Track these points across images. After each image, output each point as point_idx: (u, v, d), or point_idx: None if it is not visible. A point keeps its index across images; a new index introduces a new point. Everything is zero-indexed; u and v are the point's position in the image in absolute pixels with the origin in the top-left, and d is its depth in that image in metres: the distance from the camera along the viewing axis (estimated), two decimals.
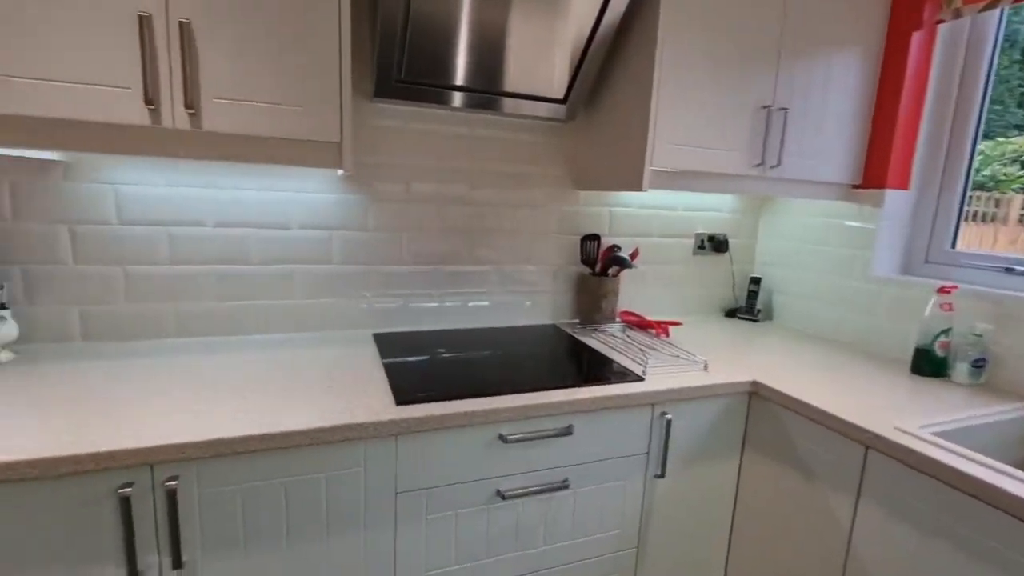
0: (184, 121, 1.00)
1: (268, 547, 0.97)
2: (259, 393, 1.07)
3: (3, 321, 1.16)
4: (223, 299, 1.41)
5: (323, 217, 1.46)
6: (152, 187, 1.30)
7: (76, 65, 0.93)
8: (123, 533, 0.86)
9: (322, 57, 1.07)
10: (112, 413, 0.94)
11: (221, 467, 0.91)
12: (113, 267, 1.31)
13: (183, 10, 0.97)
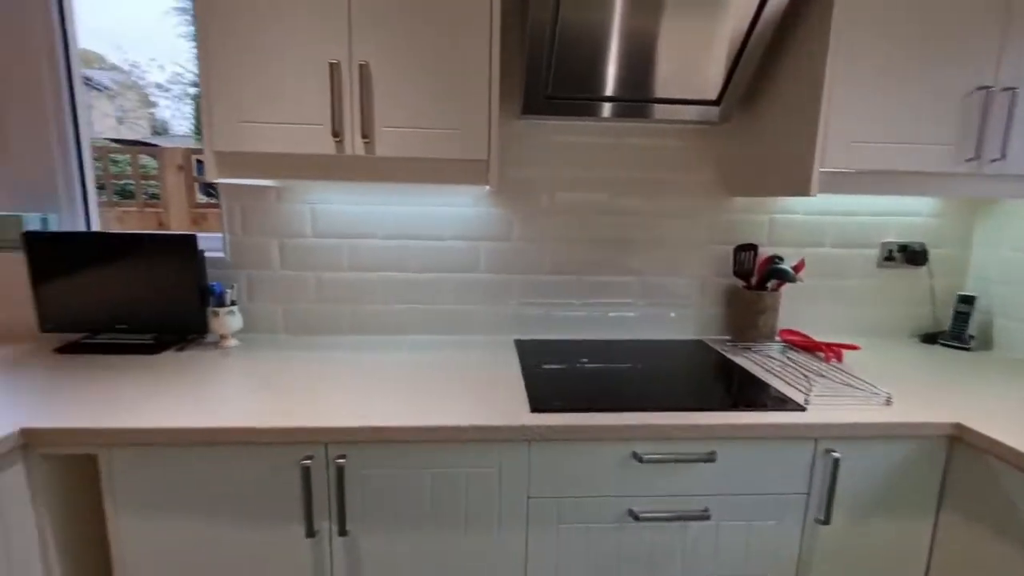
0: (361, 149, 1.17)
1: (415, 529, 1.07)
2: (413, 389, 1.18)
3: (232, 315, 1.47)
4: (389, 302, 1.60)
5: (471, 229, 1.57)
6: (337, 205, 1.53)
7: (288, 109, 1.15)
8: (303, 498, 1.03)
9: (473, 84, 1.16)
10: (301, 395, 1.13)
11: (380, 451, 1.03)
12: (308, 273, 1.56)
13: (363, 55, 1.13)
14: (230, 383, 1.19)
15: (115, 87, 5.13)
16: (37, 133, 1.58)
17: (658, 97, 1.38)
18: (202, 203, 2.38)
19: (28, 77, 1.55)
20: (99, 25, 1.52)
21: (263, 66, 1.13)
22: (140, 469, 1.00)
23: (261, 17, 1.12)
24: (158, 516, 1.02)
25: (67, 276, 1.42)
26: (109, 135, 4.19)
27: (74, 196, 1.65)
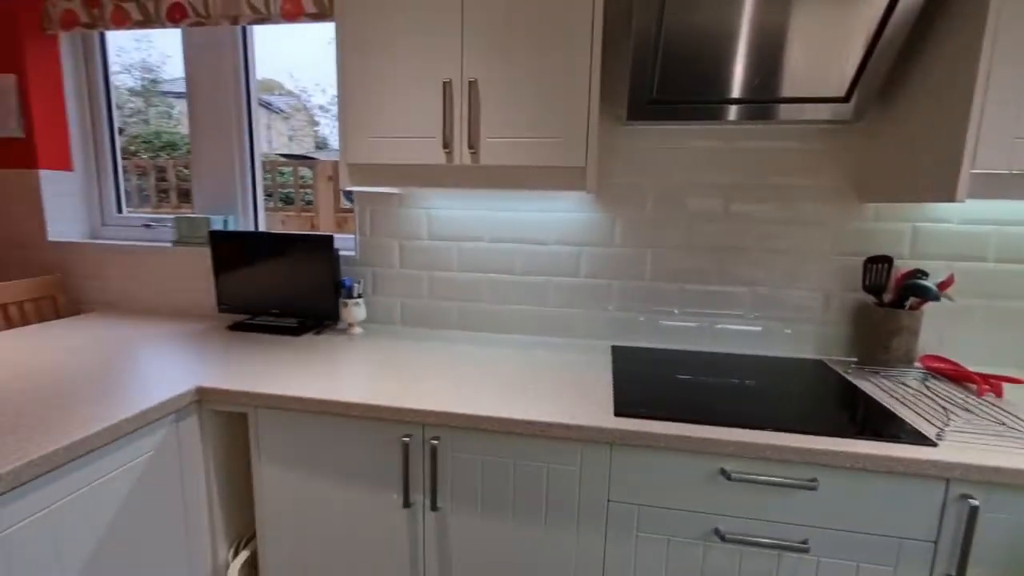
0: (467, 159, 1.27)
1: (498, 514, 1.14)
2: (506, 383, 1.26)
3: (358, 306, 1.68)
4: (493, 302, 1.70)
5: (574, 234, 1.61)
6: (449, 210, 1.67)
7: (406, 124, 1.29)
8: (402, 471, 1.15)
9: (573, 94, 1.21)
10: (408, 379, 1.26)
11: (469, 437, 1.12)
12: (422, 272, 1.72)
13: (472, 72, 1.24)
14: (353, 364, 1.37)
15: (288, 109, 5.95)
16: (224, 151, 1.96)
17: (783, 96, 1.29)
18: (344, 208, 2.73)
19: (220, 105, 1.92)
20: (279, 57, 1.87)
21: (388, 88, 1.29)
22: (279, 429, 1.20)
23: (387, 46, 1.28)
24: (290, 470, 1.22)
25: (239, 267, 1.73)
26: (283, 151, 4.90)
27: (247, 202, 2.00)
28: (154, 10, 1.80)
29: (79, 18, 1.87)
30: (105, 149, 2.12)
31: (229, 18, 1.76)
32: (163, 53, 3.21)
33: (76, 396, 1.10)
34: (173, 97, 4.52)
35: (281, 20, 1.73)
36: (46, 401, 1.07)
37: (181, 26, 1.80)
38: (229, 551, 1.32)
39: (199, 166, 1.99)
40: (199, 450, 1.22)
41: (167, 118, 4.33)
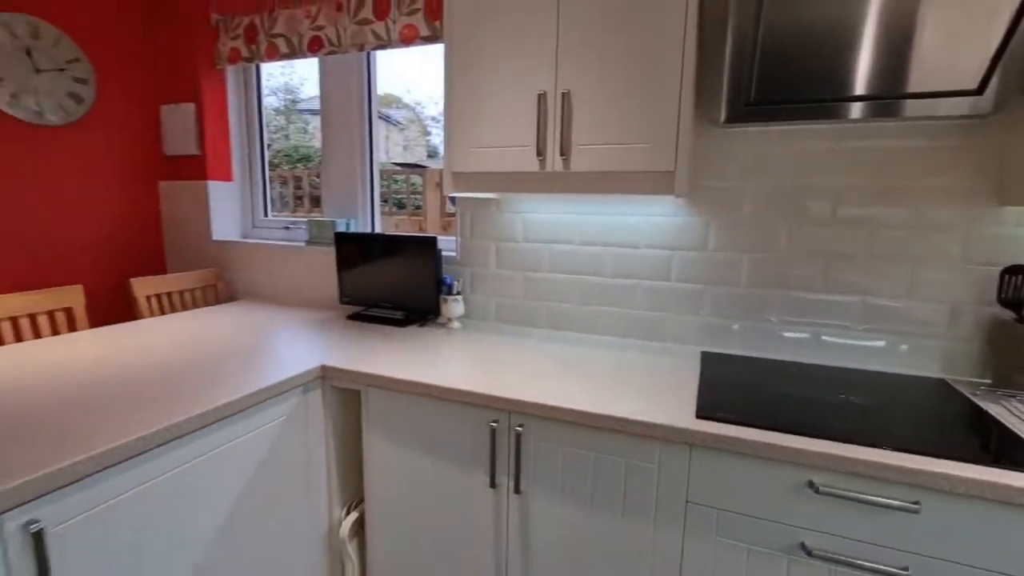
0: (559, 165, 1.34)
1: (577, 504, 1.19)
2: (590, 380, 1.31)
3: (457, 303, 1.82)
4: (582, 303, 1.75)
5: (666, 238, 1.61)
6: (542, 214, 1.75)
7: (503, 135, 1.40)
8: (489, 454, 1.25)
9: (664, 100, 1.23)
10: (499, 370, 1.36)
11: (552, 427, 1.19)
12: (516, 272, 1.83)
13: (566, 84, 1.31)
14: (450, 354, 1.50)
15: (404, 122, 6.43)
16: (349, 161, 2.22)
17: (910, 92, 1.20)
18: (449, 213, 2.93)
19: (347, 121, 2.19)
20: (398, 74, 2.10)
21: (487, 103, 1.41)
22: (386, 406, 1.36)
23: (487, 64, 1.39)
24: (394, 443, 1.37)
25: (357, 264, 1.96)
26: (397, 160, 5.33)
27: (366, 206, 2.25)
28: (297, 44, 2.10)
29: (241, 54, 2.24)
30: (256, 162, 2.50)
31: (356, 46, 2.01)
32: (302, 76, 3.67)
33: (228, 367, 1.35)
34: (308, 114, 5.12)
35: (399, 44, 1.93)
36: (207, 370, 1.32)
37: (318, 55, 2.08)
38: (342, 510, 1.51)
39: (328, 174, 2.27)
40: (321, 419, 1.42)
41: (303, 133, 4.91)
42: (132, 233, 2.37)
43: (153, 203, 2.45)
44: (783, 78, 1.25)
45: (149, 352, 1.44)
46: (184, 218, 2.43)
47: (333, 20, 2.02)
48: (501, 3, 1.36)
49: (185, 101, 2.33)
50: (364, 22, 1.97)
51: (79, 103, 2.12)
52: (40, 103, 2.01)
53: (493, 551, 1.30)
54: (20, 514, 0.80)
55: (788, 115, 1.31)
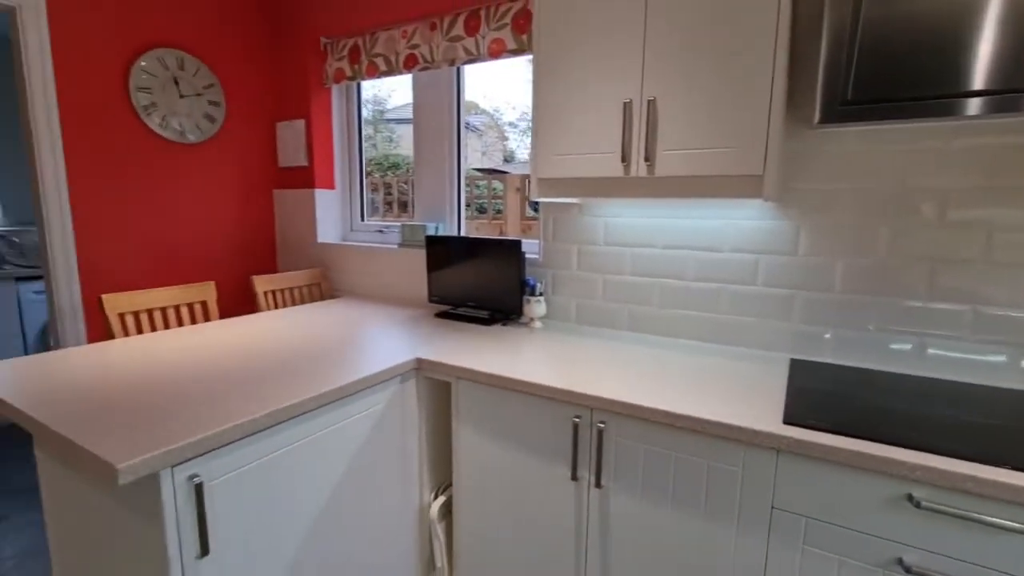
0: (643, 171, 1.38)
1: (658, 500, 1.22)
2: (672, 381, 1.33)
3: (539, 303, 1.89)
4: (663, 306, 1.76)
5: (752, 241, 1.58)
6: (624, 218, 1.78)
7: (588, 142, 1.45)
8: (571, 448, 1.30)
9: (752, 103, 1.22)
10: (580, 368, 1.41)
11: (633, 425, 1.22)
12: (597, 275, 1.87)
13: (651, 92, 1.34)
14: (533, 352, 1.58)
15: (482, 127, 6.62)
16: (438, 168, 2.37)
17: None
18: (529, 216, 3.01)
19: (437, 130, 2.33)
20: (477, 78, 2.19)
21: (573, 111, 1.47)
22: (474, 398, 1.46)
23: (574, 74, 1.45)
24: (481, 433, 1.47)
25: (445, 265, 2.09)
26: (475, 165, 5.52)
27: (453, 210, 2.38)
28: (395, 61, 2.28)
29: (346, 73, 2.46)
30: (355, 171, 2.72)
31: (448, 61, 2.14)
32: (390, 88, 3.90)
33: (337, 356, 1.50)
34: (394, 123, 5.44)
35: (488, 58, 2.04)
36: (320, 357, 1.49)
37: (413, 71, 2.25)
38: (431, 493, 1.63)
39: (419, 180, 2.44)
40: (415, 407, 1.55)
41: (388, 141, 5.23)
42: (251, 236, 2.68)
43: (268, 209, 2.75)
44: (884, 75, 1.21)
45: (271, 341, 1.64)
46: (293, 222, 2.71)
47: (427, 38, 2.18)
48: (588, 18, 1.42)
49: (297, 118, 2.60)
50: (455, 39, 2.10)
51: (212, 123, 2.44)
52: (182, 124, 2.34)
53: (573, 541, 1.35)
54: (186, 469, 0.97)
55: (891, 114, 1.26)
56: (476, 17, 2.04)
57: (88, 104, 2.05)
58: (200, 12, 2.36)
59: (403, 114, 4.93)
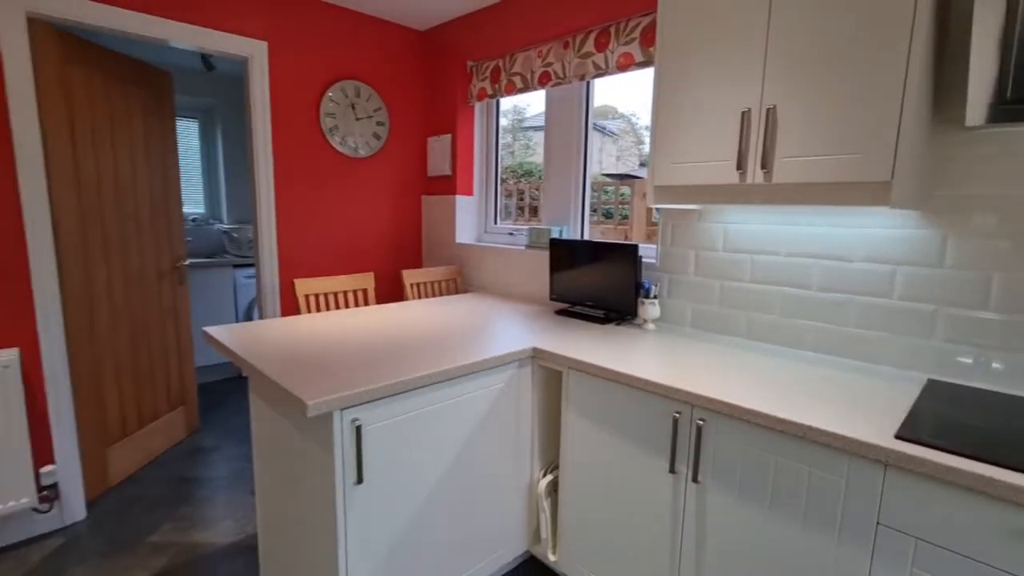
0: (760, 178, 1.39)
1: (755, 501, 1.24)
2: (780, 389, 1.33)
3: (654, 306, 1.95)
4: (785, 315, 1.72)
5: (888, 251, 1.49)
6: (745, 224, 1.77)
7: (704, 151, 1.50)
8: (671, 442, 1.37)
9: (881, 107, 1.19)
10: (687, 368, 1.47)
11: (732, 425, 1.26)
12: (714, 280, 1.88)
13: (771, 100, 1.35)
14: (642, 351, 1.66)
15: (618, 132, 6.68)
16: (565, 174, 2.53)
17: None
18: (653, 222, 3.04)
19: (565, 139, 2.50)
20: (615, 82, 2.27)
21: (690, 120, 1.53)
22: (583, 387, 1.59)
23: (692, 84, 1.51)
24: (587, 420, 1.59)
25: (566, 267, 2.25)
26: (610, 171, 5.60)
27: (577, 215, 2.53)
28: (530, 79, 2.50)
29: (487, 91, 2.75)
30: (491, 179, 3.01)
31: (578, 76, 2.30)
32: (528, 99, 4.16)
33: (469, 338, 1.74)
34: (532, 131, 5.74)
35: (616, 71, 2.16)
36: (456, 338, 1.74)
37: (546, 88, 2.44)
38: (541, 471, 1.80)
39: (547, 187, 2.63)
40: (529, 391, 1.73)
41: (526, 149, 5.52)
42: (402, 236, 3.11)
43: (417, 213, 3.16)
44: None
45: (416, 323, 1.94)
46: (436, 224, 3.08)
47: (560, 56, 2.36)
48: (710, 30, 1.47)
49: (444, 133, 2.96)
50: (586, 55, 2.25)
51: (378, 140, 2.89)
52: (356, 142, 2.81)
53: (669, 529, 1.42)
54: (351, 413, 1.26)
55: None
56: (606, 34, 2.17)
57: (291, 128, 2.59)
58: (374, 48, 2.83)
59: (540, 122, 5.21)
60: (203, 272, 3.57)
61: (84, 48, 2.17)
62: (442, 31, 2.92)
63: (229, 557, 1.93)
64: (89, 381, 2.21)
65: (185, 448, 2.75)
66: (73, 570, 1.84)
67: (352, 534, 1.30)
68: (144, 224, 2.52)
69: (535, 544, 1.83)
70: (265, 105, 2.49)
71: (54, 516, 2.06)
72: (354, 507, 1.30)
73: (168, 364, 2.70)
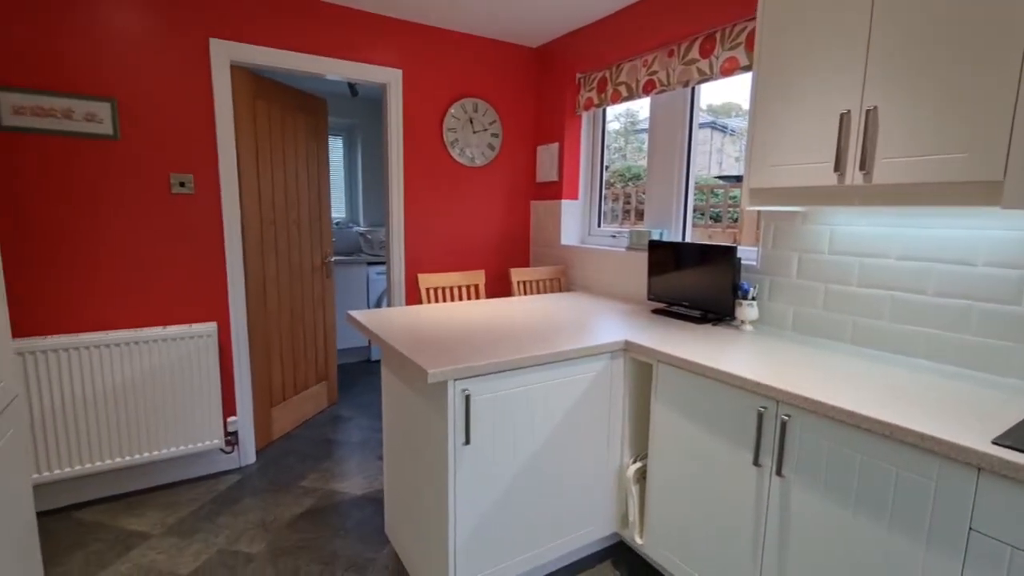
0: (859, 179, 1.39)
1: (840, 499, 1.25)
2: (876, 390, 1.32)
3: (752, 307, 1.96)
4: (895, 321, 1.65)
5: (1017, 255, 1.39)
6: (852, 226, 1.73)
7: (800, 153, 1.52)
8: (755, 435, 1.42)
9: (992, 104, 1.14)
10: (778, 368, 1.50)
11: (816, 421, 1.29)
12: (818, 283, 1.84)
13: (872, 101, 1.35)
14: (736, 349, 1.71)
15: (739, 131, 6.43)
16: (667, 178, 2.60)
17: None
18: None
19: (668, 143, 2.57)
20: (739, 82, 2.24)
21: (789, 123, 1.55)
22: (671, 380, 1.69)
23: (790, 88, 1.54)
24: (675, 412, 1.68)
25: (664, 268, 2.32)
26: (731, 172, 5.44)
27: (679, 218, 2.58)
28: (635, 87, 2.61)
29: (594, 101, 2.90)
30: (596, 184, 3.15)
31: (682, 83, 2.36)
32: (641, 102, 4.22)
33: (569, 329, 1.91)
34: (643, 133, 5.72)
35: (719, 76, 2.20)
36: (557, 328, 1.91)
37: (651, 95, 2.53)
38: (629, 458, 1.91)
39: (651, 190, 2.71)
40: (621, 381, 1.85)
41: (638, 151, 5.52)
42: (511, 237, 3.36)
43: (525, 216, 3.39)
44: None
45: (522, 315, 2.16)
46: (543, 227, 3.28)
47: (665, 64, 2.44)
48: (809, 33, 1.49)
49: (552, 141, 3.16)
50: (690, 61, 2.31)
51: (492, 150, 3.17)
52: (472, 153, 3.12)
53: (752, 521, 1.46)
54: (462, 384, 1.50)
55: None
56: (711, 40, 2.21)
57: (418, 142, 2.96)
58: (491, 67, 3.12)
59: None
60: (343, 268, 4.15)
61: (267, 85, 2.70)
62: (553, 47, 3.13)
63: (359, 505, 2.29)
64: (261, 352, 2.74)
65: (327, 416, 3.25)
66: (247, 500, 2.32)
67: (460, 488, 1.54)
68: (303, 227, 3.05)
69: (623, 527, 1.94)
70: (399, 123, 2.88)
71: (233, 457, 2.60)
72: (463, 464, 1.53)
73: (316, 344, 3.22)
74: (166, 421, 2.35)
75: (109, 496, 2.34)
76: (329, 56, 2.65)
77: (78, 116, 2.14)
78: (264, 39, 2.47)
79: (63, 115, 2.11)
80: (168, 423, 2.35)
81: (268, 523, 2.16)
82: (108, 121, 2.19)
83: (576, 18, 2.78)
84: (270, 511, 2.24)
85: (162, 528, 2.12)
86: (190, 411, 2.39)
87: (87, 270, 2.22)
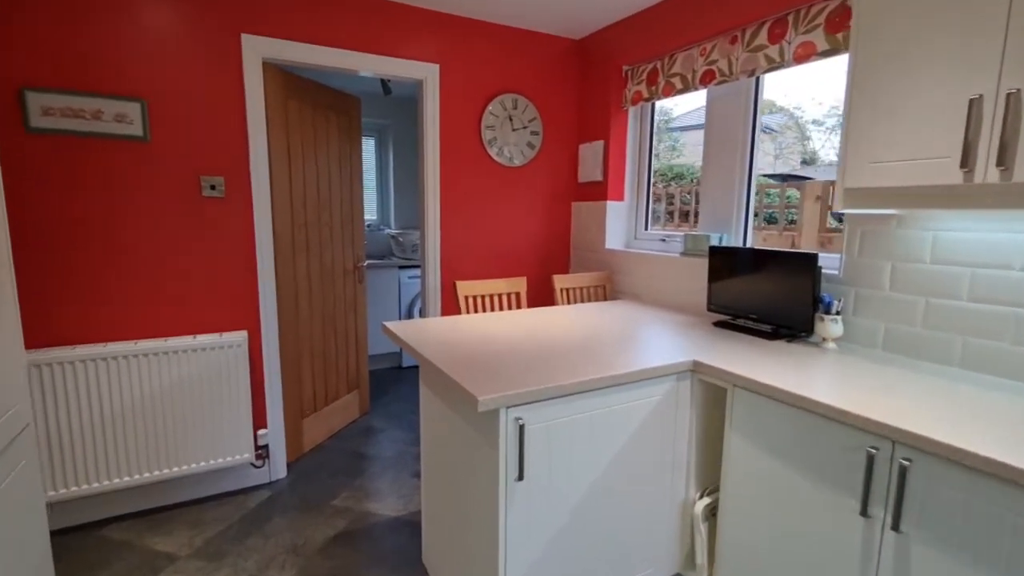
0: (994, 176, 1.16)
1: (980, 567, 1.03)
2: (1013, 428, 1.09)
3: (835, 323, 1.74)
4: (1019, 343, 1.41)
5: None
6: (963, 232, 1.49)
7: (912, 147, 1.30)
8: (864, 480, 1.20)
9: None
10: (883, 397, 1.28)
11: (948, 469, 1.07)
12: (917, 297, 1.61)
13: (1012, 83, 1.12)
14: (823, 373, 1.49)
15: (777, 128, 6.13)
16: (727, 177, 2.38)
17: None
18: (830, 228, 2.71)
19: (729, 140, 2.35)
20: (779, 76, 2.02)
21: (899, 113, 1.33)
22: (750, 408, 1.48)
23: (903, 73, 1.31)
24: (754, 444, 1.47)
25: (727, 276, 2.11)
26: (766, 171, 5.14)
27: (739, 221, 2.36)
28: (691, 79, 2.39)
29: (643, 95, 2.69)
30: (643, 184, 2.94)
31: (747, 72, 2.14)
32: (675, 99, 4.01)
33: (623, 347, 1.72)
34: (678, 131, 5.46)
35: (792, 64, 1.97)
36: (607, 347, 1.73)
37: (710, 87, 2.32)
38: (697, 492, 1.70)
39: (706, 191, 2.49)
40: (688, 405, 1.65)
41: (671, 150, 5.27)
42: (552, 241, 3.18)
43: (567, 219, 3.21)
44: None
45: (570, 328, 1.97)
46: (586, 230, 3.09)
47: (726, 52, 2.22)
48: (924, 7, 1.27)
49: (596, 139, 2.96)
50: (757, 48, 2.09)
51: (532, 149, 3.00)
52: (511, 152, 2.95)
53: None
54: (515, 412, 1.32)
55: None
56: (783, 23, 1.99)
57: (455, 141, 2.81)
58: (531, 60, 2.94)
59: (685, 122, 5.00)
60: (374, 272, 4.03)
61: (299, 83, 2.59)
62: (597, 38, 2.93)
63: (395, 529, 2.14)
64: (292, 361, 2.62)
65: (359, 427, 3.13)
66: (277, 520, 2.20)
67: (512, 527, 1.37)
68: (335, 230, 2.92)
69: (688, 567, 1.74)
70: (435, 121, 2.73)
71: (263, 472, 2.49)
72: (514, 502, 1.36)
73: (348, 351, 3.10)
74: (195, 434, 2.24)
75: (135, 512, 2.24)
76: (364, 51, 2.51)
77: (108, 117, 2.05)
78: (297, 34, 2.35)
79: (92, 116, 2.03)
80: (197, 436, 2.25)
81: (299, 547, 2.03)
82: (138, 122, 2.10)
83: (624, 6, 2.58)
84: (301, 533, 2.11)
85: (189, 549, 2.00)
86: (219, 424, 2.28)
87: (114, 278, 2.13)
